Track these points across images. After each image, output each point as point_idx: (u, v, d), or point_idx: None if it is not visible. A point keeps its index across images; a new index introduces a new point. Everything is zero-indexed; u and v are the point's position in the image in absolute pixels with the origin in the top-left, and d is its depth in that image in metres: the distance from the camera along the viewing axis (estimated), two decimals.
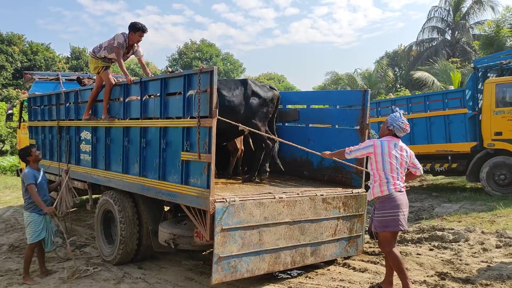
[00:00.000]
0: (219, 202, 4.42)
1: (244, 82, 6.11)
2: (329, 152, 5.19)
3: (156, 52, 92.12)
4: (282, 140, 5.97)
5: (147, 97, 5.53)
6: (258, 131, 5.85)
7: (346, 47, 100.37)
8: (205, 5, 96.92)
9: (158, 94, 5.28)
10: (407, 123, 4.62)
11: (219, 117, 4.54)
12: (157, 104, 5.30)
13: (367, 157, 4.86)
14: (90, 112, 6.51)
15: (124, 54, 6.25)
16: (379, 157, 4.45)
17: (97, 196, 7.09)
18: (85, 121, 6.63)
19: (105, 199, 6.15)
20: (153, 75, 6.16)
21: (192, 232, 4.99)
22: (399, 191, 4.42)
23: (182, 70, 5.66)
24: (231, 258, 4.51)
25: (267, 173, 6.18)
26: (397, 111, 4.66)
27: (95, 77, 6.91)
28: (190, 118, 4.79)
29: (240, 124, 6.07)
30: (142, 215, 5.78)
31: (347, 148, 4.76)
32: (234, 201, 4.53)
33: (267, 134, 6.02)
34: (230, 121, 5.08)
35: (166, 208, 5.99)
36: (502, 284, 4.62)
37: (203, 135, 4.53)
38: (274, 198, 4.88)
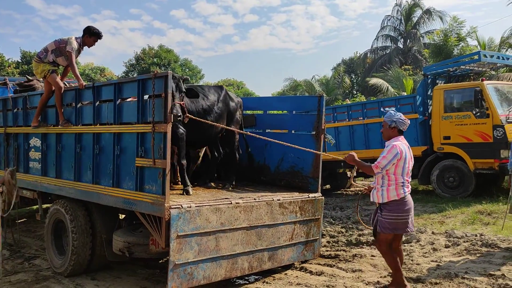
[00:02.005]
0: (175, 208, 4.36)
1: (222, 88, 6.23)
2: (356, 158, 4.66)
3: (113, 58, 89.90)
4: (282, 143, 5.88)
5: (100, 102, 5.40)
6: (255, 134, 5.86)
7: (304, 54, 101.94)
8: (163, 11, 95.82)
9: (112, 99, 5.17)
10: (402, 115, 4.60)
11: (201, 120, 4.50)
12: (111, 110, 5.18)
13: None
14: (39, 118, 6.28)
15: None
16: (402, 162, 4.37)
17: (47, 205, 6.82)
18: (34, 128, 6.37)
19: (56, 208, 5.92)
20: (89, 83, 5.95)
21: (148, 239, 4.88)
22: (409, 193, 4.45)
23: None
24: (187, 265, 4.45)
25: (233, 183, 6.18)
26: (387, 110, 4.65)
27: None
28: (144, 124, 4.72)
29: (241, 130, 6.10)
30: (96, 224, 5.60)
31: (374, 165, 4.43)
32: (190, 207, 4.49)
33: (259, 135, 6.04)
34: (227, 127, 5.08)
35: (122, 216, 5.85)
36: (450, 282, 4.81)
37: (158, 140, 4.47)
38: (231, 203, 4.87)
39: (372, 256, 6.06)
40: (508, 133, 9.27)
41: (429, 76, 11.20)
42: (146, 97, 4.67)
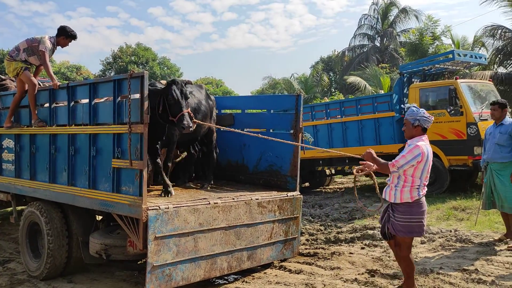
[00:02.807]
0: (152, 209, 4.33)
1: (202, 86, 6.24)
2: (374, 155, 4.36)
3: (90, 56, 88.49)
4: (282, 141, 5.87)
5: (75, 102, 5.32)
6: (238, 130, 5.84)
7: (283, 52, 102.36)
8: (140, 8, 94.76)
9: (87, 100, 5.09)
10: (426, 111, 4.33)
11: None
12: (86, 110, 5.10)
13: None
14: (12, 119, 6.14)
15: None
16: (422, 164, 4.11)
17: (22, 207, 6.67)
18: (7, 129, 6.23)
19: (30, 211, 5.80)
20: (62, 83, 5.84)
21: (125, 241, 4.84)
22: (424, 196, 4.24)
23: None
24: (166, 266, 4.42)
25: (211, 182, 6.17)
26: (409, 107, 4.35)
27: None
28: (120, 124, 4.66)
29: (241, 131, 6.05)
30: (72, 226, 5.51)
31: (391, 163, 4.17)
32: (168, 208, 4.46)
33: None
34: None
35: (99, 218, 5.78)
36: (425, 277, 4.90)
37: (135, 141, 4.42)
38: (209, 203, 4.86)
39: (350, 253, 6.13)
40: (481, 131, 9.48)
41: (405, 75, 11.37)
42: (136, 96, 4.53)
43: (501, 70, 16.49)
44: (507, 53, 15.74)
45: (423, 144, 4.13)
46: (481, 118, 9.69)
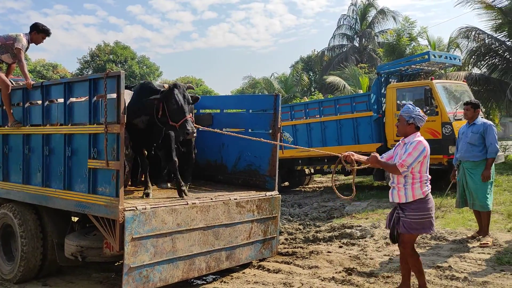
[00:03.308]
0: (129, 210, 4.28)
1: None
2: (378, 159, 4.31)
3: (67, 54, 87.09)
4: (284, 144, 5.89)
5: (49, 102, 5.22)
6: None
7: (264, 52, 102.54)
8: (119, 6, 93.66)
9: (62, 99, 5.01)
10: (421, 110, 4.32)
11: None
12: (61, 110, 5.02)
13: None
14: None
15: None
16: (427, 158, 4.14)
17: None
18: None
19: (3, 213, 5.68)
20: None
21: (101, 243, 4.78)
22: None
23: None
24: (143, 267, 4.38)
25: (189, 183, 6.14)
26: (405, 104, 4.28)
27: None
28: (96, 124, 4.60)
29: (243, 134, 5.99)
30: (47, 227, 5.41)
31: (399, 164, 4.08)
32: (145, 209, 4.42)
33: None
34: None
35: (75, 219, 5.69)
36: (401, 275, 4.97)
37: (111, 141, 4.37)
38: (187, 204, 4.83)
39: (328, 252, 6.19)
40: (455, 130, 9.68)
41: (382, 75, 11.53)
42: (113, 95, 4.42)
43: (475, 71, 16.87)
44: (481, 54, 16.09)
45: (422, 139, 4.14)
46: (455, 118, 9.90)
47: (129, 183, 6.10)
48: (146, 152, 5.63)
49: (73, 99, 5.04)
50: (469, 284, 4.60)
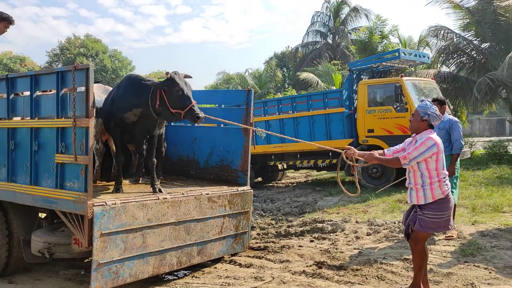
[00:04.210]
0: (98, 206, 4.22)
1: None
2: (375, 156, 4.27)
3: (35, 47, 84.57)
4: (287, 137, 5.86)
5: (14, 95, 5.09)
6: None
7: (238, 47, 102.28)
8: None
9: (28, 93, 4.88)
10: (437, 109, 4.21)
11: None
12: (27, 103, 4.89)
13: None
14: None
15: None
16: (441, 154, 4.00)
17: None
18: None
19: None
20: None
21: (70, 239, 4.69)
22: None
23: None
24: (112, 263, 4.33)
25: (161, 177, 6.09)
26: (423, 100, 4.21)
27: None
28: (64, 118, 4.50)
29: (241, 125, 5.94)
30: (12, 224, 5.26)
31: (401, 156, 4.02)
32: (115, 204, 4.36)
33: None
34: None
35: (43, 216, 5.57)
36: (369, 267, 5.09)
37: (80, 135, 4.28)
38: (158, 199, 4.80)
39: (300, 246, 6.25)
40: None
41: (354, 72, 11.70)
42: (82, 88, 4.33)
43: (444, 69, 17.29)
44: (449, 53, 16.50)
45: (434, 136, 4.02)
46: None
47: (99, 178, 6.00)
48: (133, 147, 5.55)
49: (39, 93, 4.92)
50: (434, 275, 4.74)
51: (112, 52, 43.00)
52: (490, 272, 4.76)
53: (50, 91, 4.83)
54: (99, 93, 5.75)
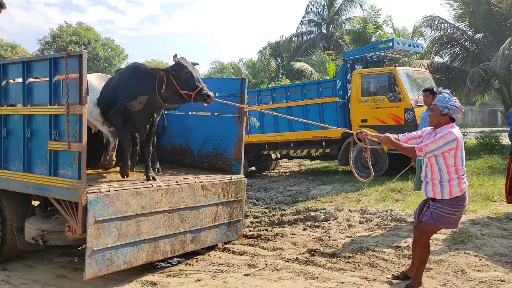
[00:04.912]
0: (92, 193, 4.22)
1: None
2: (392, 139, 4.10)
3: (27, 35, 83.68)
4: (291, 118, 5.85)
5: (6, 82, 5.04)
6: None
7: (232, 36, 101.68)
8: None
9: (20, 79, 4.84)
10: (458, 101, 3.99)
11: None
12: (19, 90, 4.86)
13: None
14: None
15: None
16: (460, 151, 3.83)
17: None
18: None
19: None
20: None
21: (63, 226, 4.70)
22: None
23: None
24: (107, 250, 4.34)
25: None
26: (441, 92, 4.04)
27: None
28: (58, 105, 4.48)
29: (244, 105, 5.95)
30: (5, 211, 5.25)
31: (418, 147, 3.87)
32: (109, 191, 4.36)
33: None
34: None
35: (36, 203, 5.56)
36: (362, 255, 5.14)
37: (73, 123, 4.28)
38: (152, 186, 4.80)
39: (293, 234, 6.30)
40: (417, 116, 9.97)
41: (348, 61, 11.71)
42: (74, 75, 4.30)
43: (438, 59, 17.35)
44: (443, 43, 16.55)
45: (456, 130, 3.85)
46: (417, 104, 10.18)
47: (114, 161, 5.95)
48: (137, 136, 5.53)
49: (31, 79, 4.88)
50: None
51: (104, 40, 42.60)
52: (480, 259, 4.84)
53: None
54: (101, 82, 5.71)
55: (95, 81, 5.64)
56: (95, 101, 5.44)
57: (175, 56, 4.90)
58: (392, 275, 4.46)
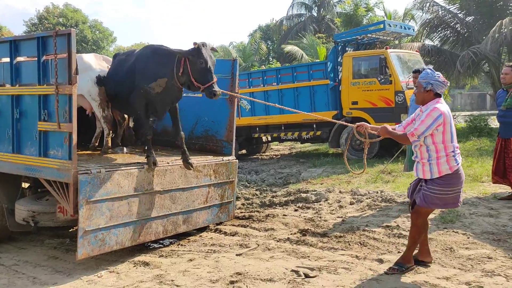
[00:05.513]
0: (83, 173, 4.21)
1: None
2: (389, 129, 4.06)
3: (12, 16, 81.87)
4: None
5: None
6: None
7: (223, 18, 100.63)
8: None
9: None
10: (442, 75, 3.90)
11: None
12: (7, 70, 4.78)
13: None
14: None
15: None
16: (448, 126, 3.72)
17: None
18: None
19: None
20: None
21: (55, 207, 4.68)
22: (460, 162, 3.87)
23: None
24: (99, 231, 4.35)
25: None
26: (424, 68, 3.94)
27: None
28: (47, 85, 4.42)
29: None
30: None
31: (409, 133, 3.79)
32: (100, 172, 4.35)
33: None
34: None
35: (27, 185, 5.52)
36: (352, 234, 5.21)
37: (63, 103, 4.24)
38: (143, 167, 4.79)
39: (284, 215, 6.34)
40: (408, 98, 10.01)
41: (339, 44, 11.67)
42: (64, 55, 4.20)
43: (428, 42, 17.36)
44: (434, 26, 16.55)
45: (441, 105, 3.75)
46: (408, 86, 10.20)
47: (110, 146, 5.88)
48: (118, 117, 5.45)
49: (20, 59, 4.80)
50: None
51: (92, 22, 41.85)
52: (468, 238, 4.93)
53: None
54: (100, 61, 5.64)
55: (93, 60, 5.57)
56: (94, 79, 5.37)
57: (195, 43, 4.73)
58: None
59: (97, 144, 6.04)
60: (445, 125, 3.72)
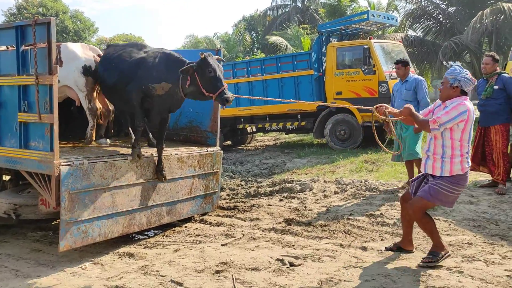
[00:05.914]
0: (65, 165, 4.16)
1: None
2: (412, 111, 3.85)
3: None
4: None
5: None
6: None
7: (207, 9, 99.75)
8: None
9: None
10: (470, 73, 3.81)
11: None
12: None
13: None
14: None
15: None
16: (469, 124, 3.65)
17: None
18: None
19: None
20: None
21: (37, 200, 4.63)
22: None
23: None
24: (81, 223, 4.31)
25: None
26: (451, 65, 3.83)
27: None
28: (26, 76, 4.34)
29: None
30: None
31: (431, 120, 3.67)
32: (83, 163, 4.30)
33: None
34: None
35: (7, 178, 5.44)
36: (337, 223, 5.26)
37: (43, 93, 4.17)
38: (127, 159, 4.75)
39: (269, 205, 6.37)
40: (391, 88, 10.08)
41: (323, 34, 11.68)
42: (43, 44, 4.12)
43: (411, 32, 17.51)
44: (417, 16, 16.68)
45: (468, 102, 3.66)
46: (391, 77, 10.28)
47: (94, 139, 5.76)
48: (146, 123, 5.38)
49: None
50: (397, 228, 4.94)
51: (73, 12, 41.11)
52: (449, 224, 5.02)
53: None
54: (86, 51, 5.52)
55: (80, 49, 5.45)
56: (81, 69, 5.26)
57: (201, 53, 4.71)
58: (385, 247, 4.35)
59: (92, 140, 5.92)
60: (467, 123, 3.66)
